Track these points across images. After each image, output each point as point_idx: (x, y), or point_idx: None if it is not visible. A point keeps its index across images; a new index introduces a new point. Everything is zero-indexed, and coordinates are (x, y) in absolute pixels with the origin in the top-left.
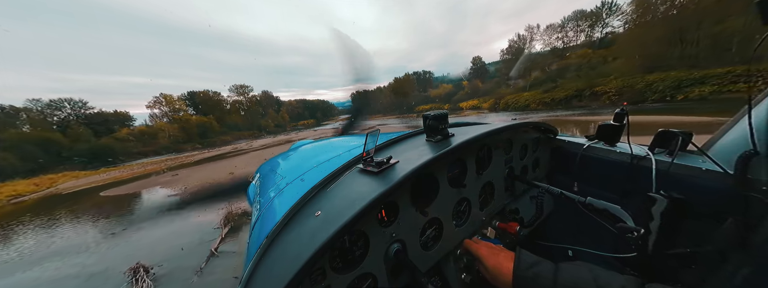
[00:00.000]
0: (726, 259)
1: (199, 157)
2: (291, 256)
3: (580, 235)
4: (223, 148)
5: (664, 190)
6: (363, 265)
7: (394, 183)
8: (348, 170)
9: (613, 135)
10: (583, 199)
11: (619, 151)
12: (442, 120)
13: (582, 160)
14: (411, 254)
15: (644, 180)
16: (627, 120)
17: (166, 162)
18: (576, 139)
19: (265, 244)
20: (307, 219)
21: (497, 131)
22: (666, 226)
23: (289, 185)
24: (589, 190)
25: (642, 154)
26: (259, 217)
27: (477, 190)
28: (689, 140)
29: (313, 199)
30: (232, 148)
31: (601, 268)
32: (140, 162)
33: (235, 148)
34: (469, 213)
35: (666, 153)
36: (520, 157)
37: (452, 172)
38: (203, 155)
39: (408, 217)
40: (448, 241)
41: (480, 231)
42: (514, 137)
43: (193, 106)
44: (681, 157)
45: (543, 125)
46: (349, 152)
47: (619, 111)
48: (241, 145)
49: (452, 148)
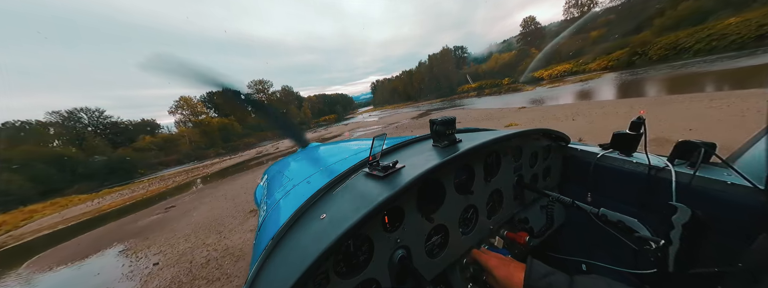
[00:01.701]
0: (757, 280)
1: (218, 166)
2: (295, 259)
3: (593, 249)
4: (247, 152)
5: (686, 203)
6: (367, 271)
7: (399, 188)
8: (354, 174)
9: (630, 144)
10: (597, 211)
11: (635, 162)
12: (450, 125)
13: (596, 169)
14: (416, 261)
15: (663, 192)
16: (644, 129)
17: (179, 176)
18: (589, 148)
19: (270, 246)
20: (312, 221)
21: (506, 138)
22: (688, 240)
23: (295, 187)
24: (603, 201)
25: (660, 165)
26: (265, 218)
27: (485, 198)
28: (712, 152)
29: (319, 202)
30: (257, 152)
31: (620, 284)
32: (157, 175)
33: (260, 151)
34: (476, 221)
35: (687, 165)
36: (530, 164)
37: (459, 179)
38: (223, 163)
39: (413, 222)
40: (455, 249)
41: (487, 240)
42: (523, 144)
43: (213, 107)
44: (703, 169)
45: (554, 133)
46: (356, 156)
47: (636, 120)
48: (267, 148)
49: (459, 153)
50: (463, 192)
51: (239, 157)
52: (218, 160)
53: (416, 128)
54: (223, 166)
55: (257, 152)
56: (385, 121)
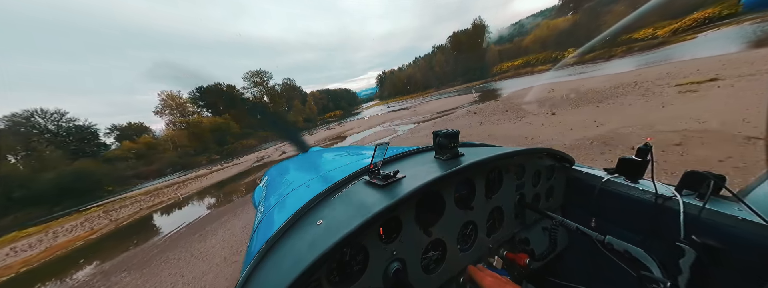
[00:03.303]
0: None
1: (208, 182)
2: (289, 264)
3: (597, 278)
4: (246, 158)
5: (696, 236)
6: (361, 282)
7: (399, 198)
8: (354, 181)
9: (636, 171)
10: (602, 238)
11: (642, 189)
12: (453, 138)
13: (601, 193)
14: (411, 276)
15: (671, 223)
16: (651, 156)
17: (139, 202)
18: (594, 171)
19: (264, 249)
20: (308, 227)
21: (509, 155)
22: (696, 281)
23: (294, 191)
24: (608, 227)
25: (668, 194)
26: (261, 220)
27: (485, 215)
28: (722, 184)
29: (317, 207)
30: (257, 158)
31: None
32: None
33: (261, 156)
34: (476, 238)
35: (695, 196)
36: (533, 183)
37: (460, 193)
38: (213, 174)
39: (411, 235)
40: (451, 265)
41: (486, 259)
42: (526, 162)
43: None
44: (712, 202)
45: (558, 153)
46: (357, 163)
47: (643, 146)
48: (269, 152)
49: (462, 167)
50: (463, 207)
51: (236, 166)
52: (206, 172)
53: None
54: (216, 178)
55: (258, 157)
56: (428, 110)
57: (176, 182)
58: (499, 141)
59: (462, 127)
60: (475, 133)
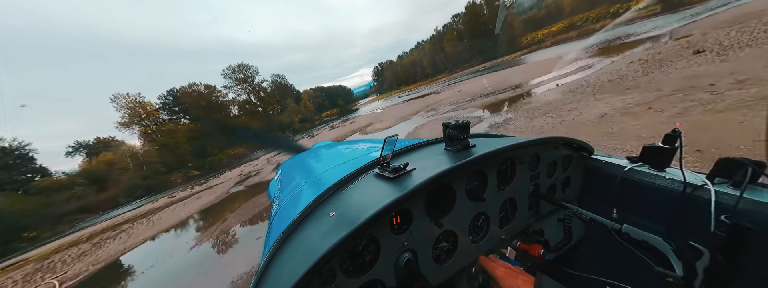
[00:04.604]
0: None
1: (174, 218)
2: (303, 254)
3: (614, 269)
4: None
5: (728, 227)
6: (372, 271)
7: (409, 190)
8: (364, 174)
9: (663, 159)
10: (619, 227)
11: (668, 178)
12: (464, 129)
13: (622, 184)
14: (422, 266)
15: (699, 213)
16: (680, 143)
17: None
18: (616, 160)
19: (280, 240)
20: (321, 218)
21: (522, 145)
22: (719, 274)
23: (307, 184)
24: (629, 217)
25: (698, 183)
26: (277, 212)
27: (497, 206)
28: (762, 171)
29: (329, 200)
30: (241, 174)
31: None
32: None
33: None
34: (487, 229)
35: (730, 184)
36: (548, 174)
37: (471, 185)
38: (188, 202)
39: (422, 226)
40: (463, 256)
41: (498, 250)
42: (541, 152)
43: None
44: (749, 190)
45: (576, 142)
46: (367, 156)
47: (671, 133)
48: (259, 162)
49: (472, 159)
50: (475, 199)
51: (221, 184)
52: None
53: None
54: (185, 212)
55: (241, 174)
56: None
57: (136, 217)
58: None
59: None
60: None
